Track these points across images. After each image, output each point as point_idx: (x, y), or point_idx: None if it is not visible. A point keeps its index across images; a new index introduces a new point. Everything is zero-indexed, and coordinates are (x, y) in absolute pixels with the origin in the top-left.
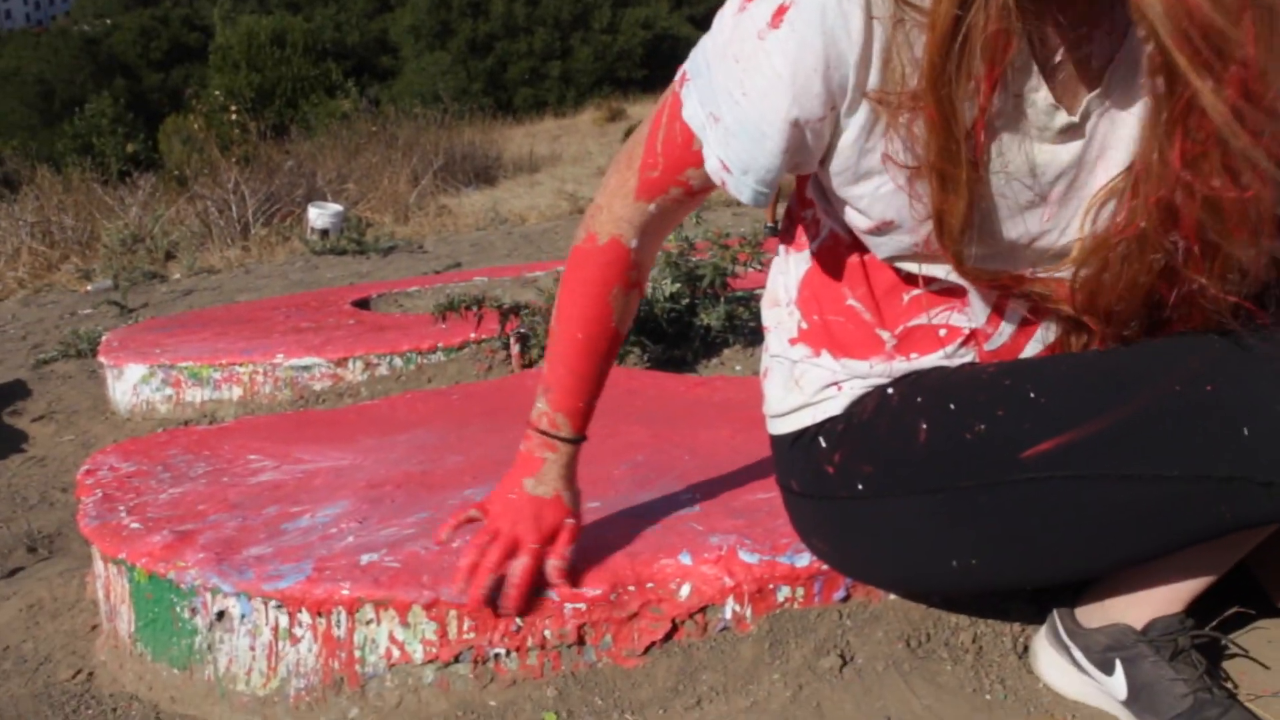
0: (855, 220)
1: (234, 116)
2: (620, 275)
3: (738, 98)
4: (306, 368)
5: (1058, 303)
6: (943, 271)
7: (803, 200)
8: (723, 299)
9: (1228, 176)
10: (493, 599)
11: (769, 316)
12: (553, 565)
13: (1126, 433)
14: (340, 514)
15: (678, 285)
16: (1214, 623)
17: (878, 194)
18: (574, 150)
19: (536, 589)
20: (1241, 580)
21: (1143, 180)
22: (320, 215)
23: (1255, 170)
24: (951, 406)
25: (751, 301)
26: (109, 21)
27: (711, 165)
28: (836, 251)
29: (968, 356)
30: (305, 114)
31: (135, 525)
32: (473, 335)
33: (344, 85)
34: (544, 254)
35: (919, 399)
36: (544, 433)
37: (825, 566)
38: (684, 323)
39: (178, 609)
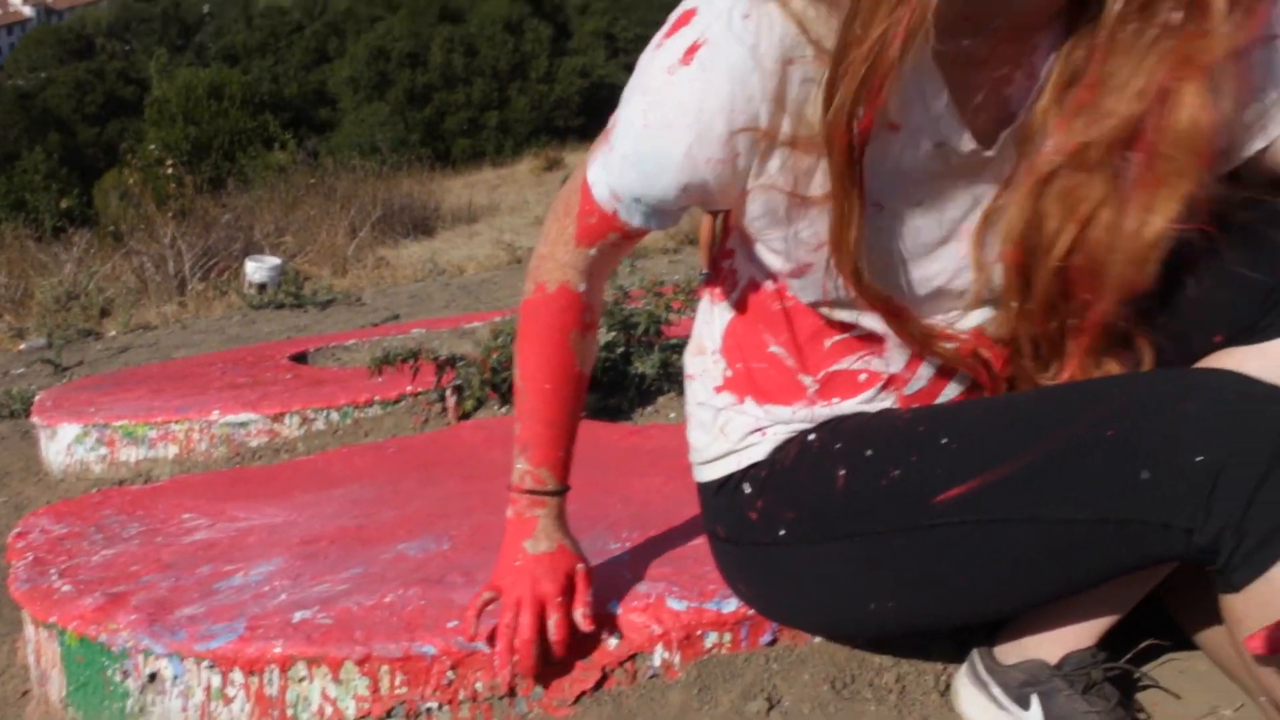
0: (774, 263)
1: (170, 170)
2: (576, 319)
3: (639, 129)
4: (243, 424)
5: (962, 360)
6: (863, 318)
7: (725, 250)
8: (657, 347)
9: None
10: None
11: (694, 365)
12: (580, 614)
13: (1032, 478)
14: (274, 571)
15: (613, 334)
16: (1127, 656)
17: (797, 237)
18: (512, 200)
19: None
20: (1154, 613)
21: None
22: (258, 269)
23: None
24: (869, 453)
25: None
26: (43, 75)
27: (600, 194)
28: (758, 299)
29: (888, 401)
30: (243, 167)
31: (66, 588)
32: (409, 388)
33: (282, 137)
34: (482, 305)
35: (838, 445)
36: (530, 491)
37: (752, 611)
38: (619, 371)
39: (109, 672)
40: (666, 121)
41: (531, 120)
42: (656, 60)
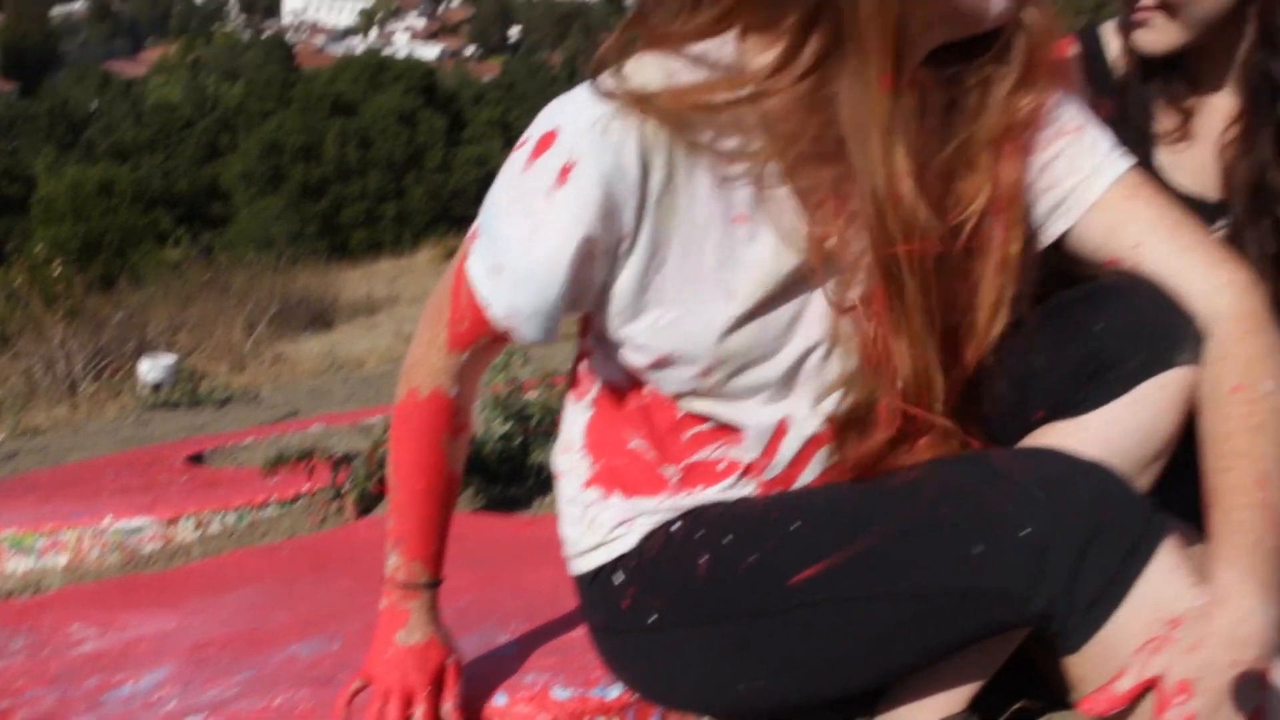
0: (635, 358)
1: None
2: (447, 423)
3: (527, 247)
4: (136, 529)
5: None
6: (719, 408)
7: (582, 350)
8: (553, 437)
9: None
10: None
11: (561, 462)
12: (449, 707)
13: (877, 557)
14: (164, 679)
15: (509, 425)
16: (1003, 717)
17: (656, 327)
18: (412, 290)
19: None
20: (1027, 673)
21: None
22: (152, 368)
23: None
24: (728, 540)
25: None
26: None
27: (497, 313)
28: (616, 398)
29: (748, 488)
30: (135, 264)
31: None
32: (305, 487)
33: (174, 233)
34: (383, 398)
35: (700, 533)
36: (404, 585)
37: (636, 696)
38: (517, 462)
39: None
40: (551, 242)
41: (429, 210)
42: (529, 183)
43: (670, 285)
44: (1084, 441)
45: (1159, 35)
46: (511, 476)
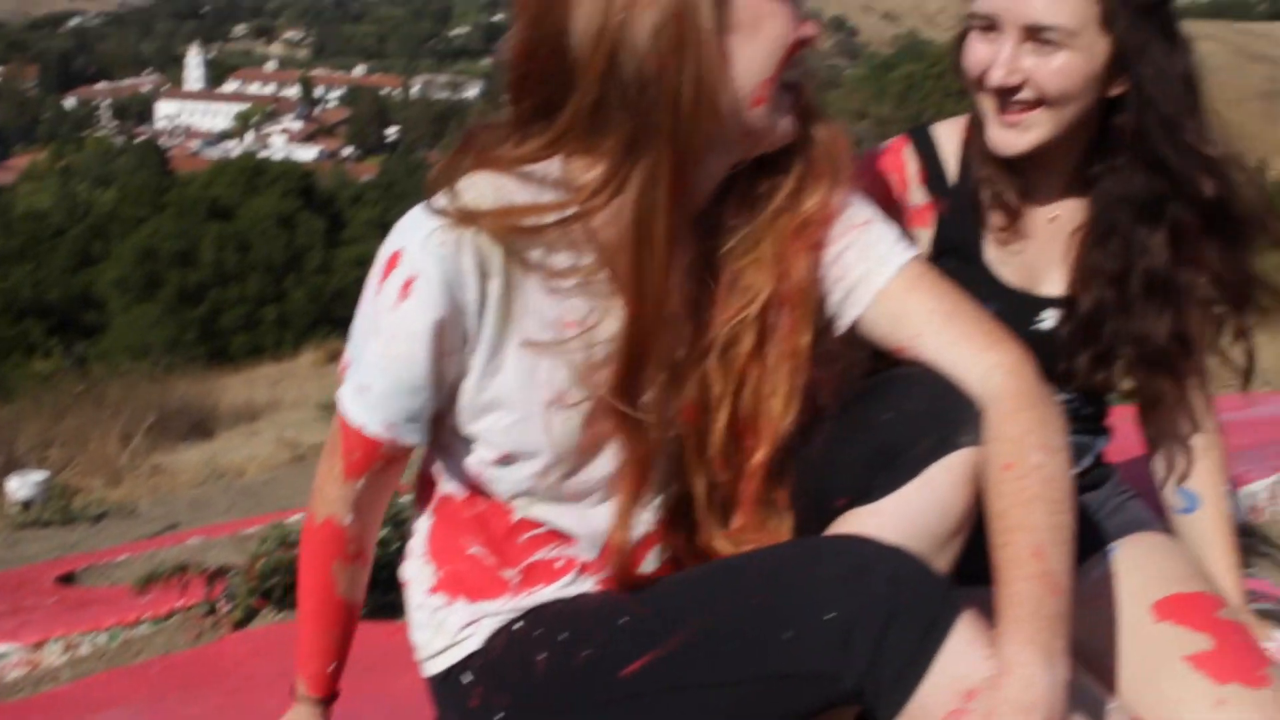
0: (484, 453)
1: None
2: (338, 551)
3: (386, 364)
4: (1, 656)
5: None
6: (553, 513)
7: (425, 459)
8: None
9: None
10: None
11: (408, 570)
12: None
13: (700, 646)
14: None
15: (385, 530)
16: None
17: (497, 427)
18: (294, 395)
19: None
20: None
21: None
22: (21, 486)
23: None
24: (564, 636)
25: None
26: None
27: (376, 430)
28: (453, 506)
29: (586, 584)
30: (3, 377)
31: None
32: (179, 603)
33: (46, 344)
34: (265, 507)
35: (539, 631)
36: (301, 698)
37: None
38: (394, 569)
39: None
40: (406, 352)
41: (310, 312)
42: (380, 302)
43: (509, 387)
44: (882, 526)
45: (1029, 135)
46: (390, 583)
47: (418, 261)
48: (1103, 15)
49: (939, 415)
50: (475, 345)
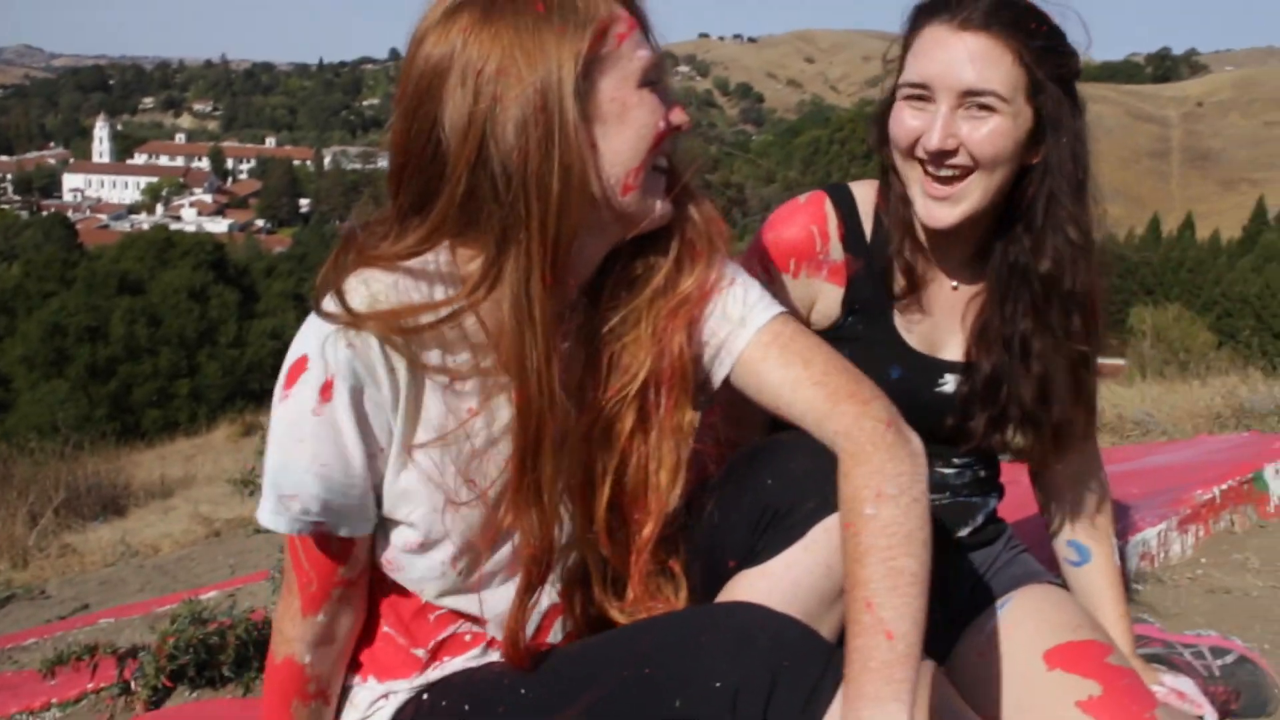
0: (408, 536)
1: None
2: (297, 690)
3: (319, 471)
4: None
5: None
6: (461, 602)
7: None
8: None
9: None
10: None
11: None
12: None
13: (595, 716)
14: None
15: None
16: None
17: (413, 516)
18: (209, 469)
19: None
20: None
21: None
22: None
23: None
24: (466, 708)
25: None
26: None
27: (337, 529)
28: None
29: (495, 655)
30: None
31: None
32: (89, 686)
33: None
34: (179, 584)
35: (444, 703)
36: None
37: None
38: None
39: None
40: (337, 452)
41: (225, 385)
42: (297, 409)
43: (419, 477)
44: (770, 588)
45: (960, 208)
46: None
47: (330, 365)
48: (1030, 85)
49: (818, 476)
50: (390, 437)
